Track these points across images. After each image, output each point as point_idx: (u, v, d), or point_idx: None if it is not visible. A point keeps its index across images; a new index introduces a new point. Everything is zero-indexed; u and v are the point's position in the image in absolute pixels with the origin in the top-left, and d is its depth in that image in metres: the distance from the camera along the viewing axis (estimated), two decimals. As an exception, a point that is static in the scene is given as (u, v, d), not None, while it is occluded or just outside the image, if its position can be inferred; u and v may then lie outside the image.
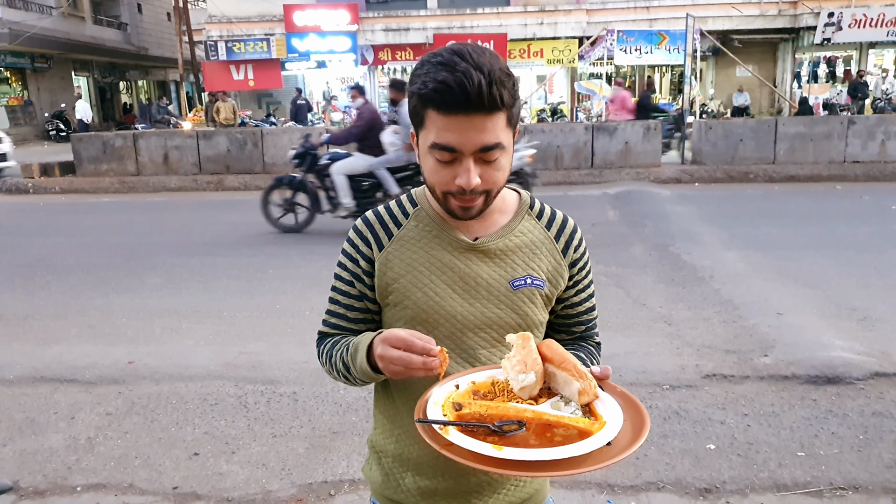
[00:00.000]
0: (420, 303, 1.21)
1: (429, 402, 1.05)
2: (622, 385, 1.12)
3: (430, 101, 1.09)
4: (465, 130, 1.08)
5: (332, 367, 1.26)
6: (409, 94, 1.14)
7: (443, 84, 1.06)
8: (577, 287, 1.31)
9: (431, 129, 1.11)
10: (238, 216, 9.87)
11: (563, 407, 1.03)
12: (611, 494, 2.82)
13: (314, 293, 5.54)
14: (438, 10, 21.00)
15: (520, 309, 1.23)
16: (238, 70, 20.66)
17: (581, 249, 1.31)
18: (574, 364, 1.05)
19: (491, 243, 1.23)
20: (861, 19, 19.14)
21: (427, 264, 1.22)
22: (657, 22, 19.44)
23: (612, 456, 0.93)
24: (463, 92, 1.05)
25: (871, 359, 4.07)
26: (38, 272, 6.63)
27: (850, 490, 2.81)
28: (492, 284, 1.22)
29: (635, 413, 1.02)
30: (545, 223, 1.29)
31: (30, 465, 3.13)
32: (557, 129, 13.11)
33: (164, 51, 33.07)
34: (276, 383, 3.97)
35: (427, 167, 1.16)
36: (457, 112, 1.07)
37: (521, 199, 1.30)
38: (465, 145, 1.09)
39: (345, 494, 2.86)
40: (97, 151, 13.46)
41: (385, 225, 1.26)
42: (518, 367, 1.04)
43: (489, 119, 1.08)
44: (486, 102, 1.06)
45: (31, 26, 23.47)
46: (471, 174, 1.10)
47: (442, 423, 0.98)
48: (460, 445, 0.94)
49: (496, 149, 1.11)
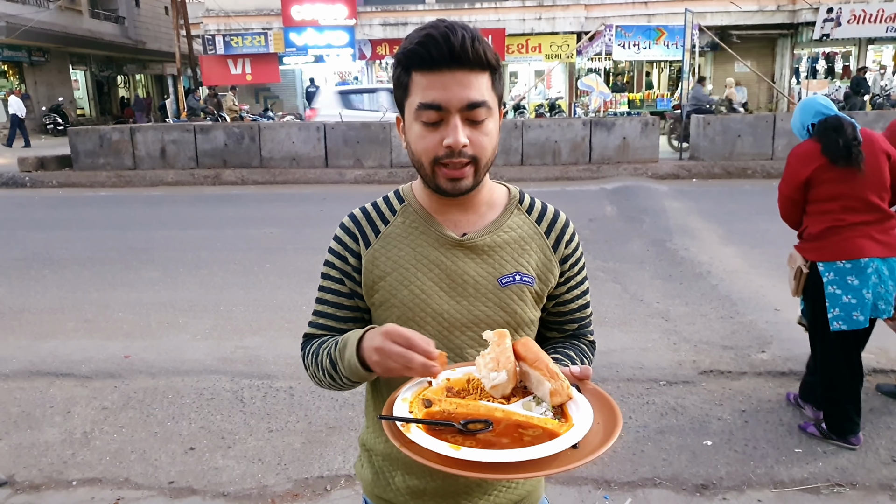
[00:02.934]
0: (406, 301, 1.18)
1: (398, 398, 1.03)
2: (619, 380, 1.11)
3: (414, 59, 1.08)
4: (450, 86, 1.07)
5: (318, 367, 1.20)
6: (394, 66, 1.14)
7: (427, 37, 1.06)
8: (568, 284, 1.28)
9: (416, 91, 1.10)
10: (235, 210, 9.85)
11: (535, 407, 1.00)
12: (607, 490, 2.82)
13: (311, 288, 5.50)
14: (436, 4, 20.95)
15: (508, 307, 1.20)
16: (236, 64, 20.62)
17: (573, 245, 1.27)
18: (546, 364, 1.02)
19: (479, 239, 1.20)
20: (860, 15, 19.12)
21: (413, 261, 1.20)
22: (655, 17, 19.42)
23: (577, 459, 0.90)
24: (447, 43, 1.05)
25: (868, 355, 4.06)
26: (34, 266, 6.61)
27: (847, 487, 2.81)
28: (479, 282, 1.20)
29: (609, 416, 0.99)
30: (535, 218, 1.26)
31: (25, 460, 3.12)
32: (555, 124, 13.07)
33: (161, 45, 32.94)
34: (272, 378, 3.96)
35: (413, 136, 1.13)
36: (441, 67, 1.07)
37: (511, 194, 1.27)
38: (450, 101, 1.07)
39: (341, 489, 2.86)
40: (94, 145, 13.40)
41: (372, 222, 1.24)
42: (491, 364, 1.02)
43: (474, 75, 1.08)
44: (470, 56, 1.06)
45: (29, 20, 23.37)
46: (458, 132, 1.08)
47: (405, 420, 0.96)
48: (419, 444, 0.92)
49: (482, 107, 1.09)
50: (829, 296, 2.99)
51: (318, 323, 1.28)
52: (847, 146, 2.92)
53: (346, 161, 13.03)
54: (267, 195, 11.26)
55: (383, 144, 12.94)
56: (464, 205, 1.21)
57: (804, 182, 3.06)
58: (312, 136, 13.08)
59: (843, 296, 2.96)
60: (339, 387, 1.20)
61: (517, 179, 11.47)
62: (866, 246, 2.94)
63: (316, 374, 1.22)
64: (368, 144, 12.97)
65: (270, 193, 11.43)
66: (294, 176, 12.66)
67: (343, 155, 13.03)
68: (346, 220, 1.27)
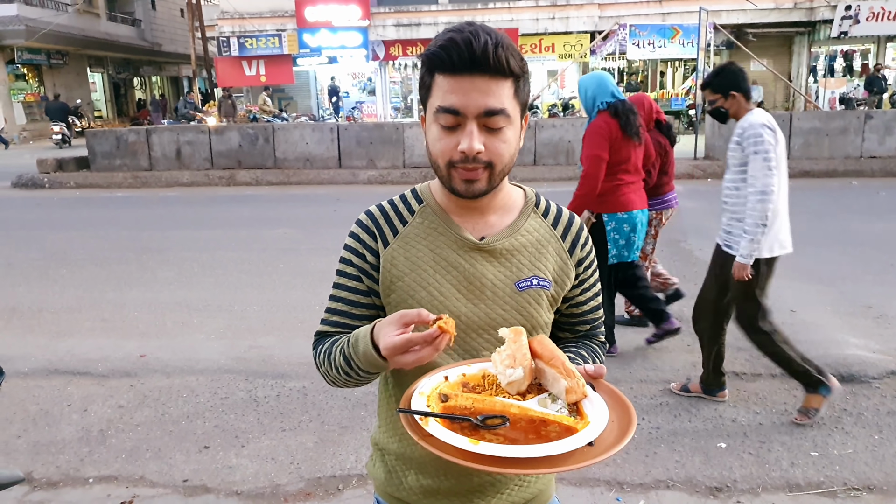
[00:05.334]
0: (423, 303, 1.18)
1: (415, 392, 1.03)
2: (633, 381, 1.11)
3: (436, 61, 1.08)
4: (469, 92, 1.06)
5: (331, 365, 1.20)
6: (420, 66, 1.14)
7: (449, 42, 1.06)
8: (582, 286, 1.29)
9: (437, 93, 1.10)
10: (249, 211, 9.91)
11: (550, 404, 1.01)
12: (620, 492, 2.81)
13: (324, 288, 5.49)
14: (450, 4, 20.97)
15: (525, 310, 1.21)
16: (250, 66, 20.77)
17: (587, 248, 1.28)
18: (562, 361, 1.03)
19: (497, 243, 1.20)
20: (879, 12, 18.89)
21: (432, 263, 1.20)
22: (670, 16, 19.30)
23: (592, 456, 0.90)
24: (468, 49, 1.04)
25: (887, 357, 4.02)
26: (53, 266, 6.69)
27: (864, 490, 2.77)
28: (497, 285, 1.20)
29: (623, 414, 1.00)
30: (551, 221, 1.26)
31: (43, 457, 3.16)
32: (569, 123, 13.03)
33: (177, 47, 33.25)
34: (285, 377, 3.99)
35: (431, 137, 1.13)
36: (462, 72, 1.06)
37: (527, 197, 1.27)
38: (468, 107, 1.07)
39: (353, 489, 2.87)
40: (111, 147, 13.56)
41: (390, 221, 1.23)
42: (507, 361, 1.02)
43: (494, 82, 1.06)
44: (491, 63, 1.05)
45: (48, 23, 23.70)
46: (473, 138, 1.07)
47: (424, 413, 0.97)
48: (437, 437, 0.92)
49: (500, 115, 1.08)
50: (611, 239, 3.94)
51: (332, 320, 1.27)
52: (638, 126, 3.89)
53: (359, 162, 13.08)
54: (281, 196, 11.33)
55: (396, 145, 12.98)
56: (481, 207, 1.21)
57: (609, 148, 3.84)
58: (326, 137, 13.15)
59: (620, 239, 3.93)
60: (353, 382, 1.19)
61: (530, 179, 11.44)
62: (636, 201, 3.94)
63: (329, 372, 1.22)
64: (381, 145, 13.01)
65: (284, 194, 11.49)
66: (308, 176, 12.73)
67: (356, 156, 13.08)
68: (363, 216, 1.26)
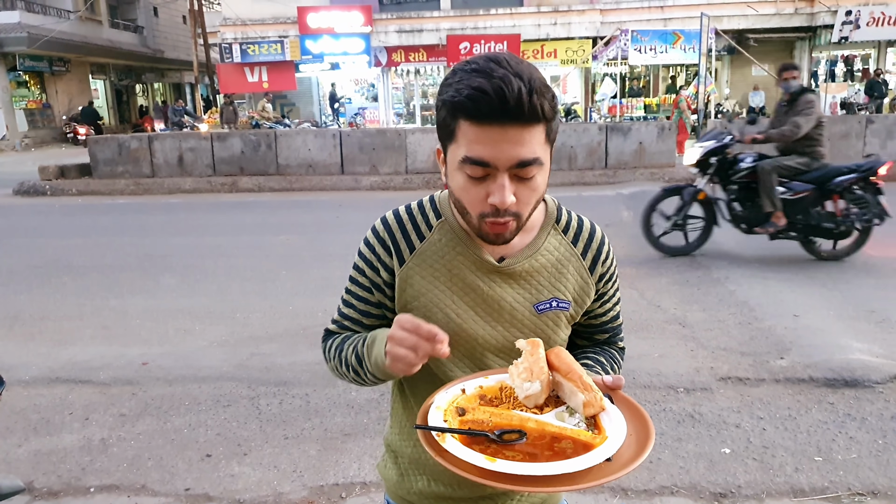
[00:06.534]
0: (441, 324, 1.15)
1: (432, 406, 1.03)
2: (636, 387, 1.10)
3: (462, 110, 1.00)
4: (500, 143, 0.99)
5: (342, 362, 1.19)
6: (439, 105, 1.05)
7: (478, 90, 0.97)
8: (602, 299, 1.27)
9: (462, 142, 1.02)
10: (252, 217, 9.92)
11: (568, 418, 1.00)
12: (624, 498, 2.79)
13: (327, 295, 5.55)
14: (452, 10, 20.99)
15: (543, 332, 1.19)
16: (252, 72, 20.79)
17: (608, 262, 1.25)
18: (580, 375, 1.01)
19: (516, 265, 1.17)
20: (879, 17, 18.88)
21: (449, 283, 1.17)
22: (672, 21, 19.31)
23: (610, 472, 0.90)
24: (500, 99, 0.96)
25: (890, 362, 4.00)
26: (54, 273, 6.69)
27: (868, 496, 2.76)
28: (515, 308, 1.18)
29: (641, 427, 0.99)
30: (571, 237, 1.22)
31: (44, 466, 3.15)
32: (571, 129, 13.04)
33: (179, 53, 33.38)
34: (288, 385, 3.98)
35: (456, 185, 1.07)
36: (492, 122, 0.98)
37: (548, 212, 1.23)
38: (499, 160, 1.00)
39: (356, 497, 2.86)
40: (113, 154, 13.58)
41: (407, 235, 1.19)
42: (524, 374, 1.01)
43: (527, 131, 0.99)
44: (525, 112, 0.97)
45: (50, 30, 23.79)
46: (505, 192, 1.01)
47: (440, 430, 0.96)
48: (454, 454, 0.92)
49: (533, 165, 1.02)
50: None
51: (344, 324, 1.27)
52: None
53: (361, 168, 13.09)
54: (283, 202, 11.34)
55: (399, 151, 12.99)
56: None
57: None
58: (328, 143, 13.17)
59: None
60: (361, 382, 1.19)
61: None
62: None
63: (338, 367, 1.21)
64: (384, 151, 13.02)
65: (287, 200, 11.51)
66: (310, 183, 12.74)
67: (359, 162, 13.10)
68: (378, 225, 1.21)
